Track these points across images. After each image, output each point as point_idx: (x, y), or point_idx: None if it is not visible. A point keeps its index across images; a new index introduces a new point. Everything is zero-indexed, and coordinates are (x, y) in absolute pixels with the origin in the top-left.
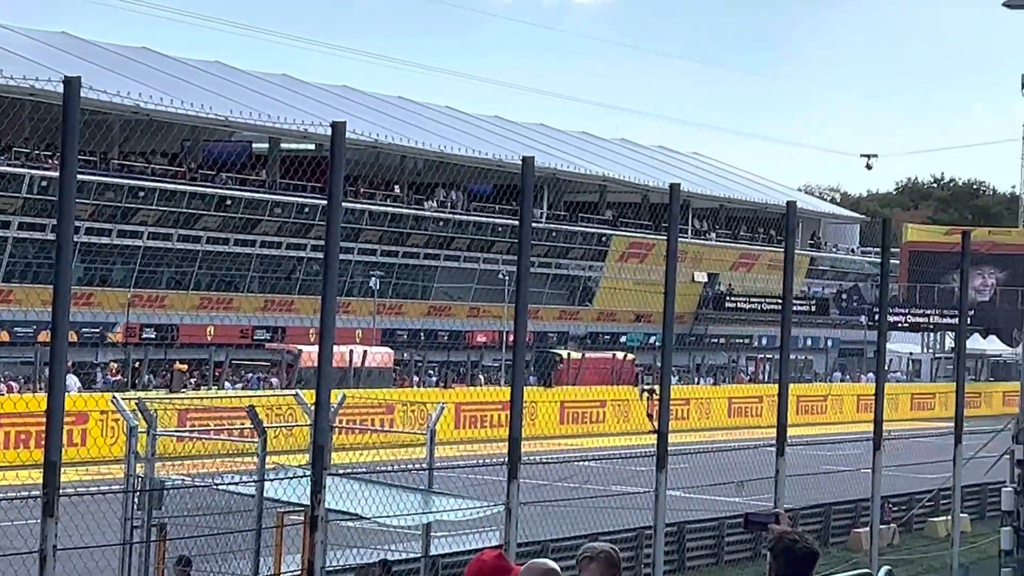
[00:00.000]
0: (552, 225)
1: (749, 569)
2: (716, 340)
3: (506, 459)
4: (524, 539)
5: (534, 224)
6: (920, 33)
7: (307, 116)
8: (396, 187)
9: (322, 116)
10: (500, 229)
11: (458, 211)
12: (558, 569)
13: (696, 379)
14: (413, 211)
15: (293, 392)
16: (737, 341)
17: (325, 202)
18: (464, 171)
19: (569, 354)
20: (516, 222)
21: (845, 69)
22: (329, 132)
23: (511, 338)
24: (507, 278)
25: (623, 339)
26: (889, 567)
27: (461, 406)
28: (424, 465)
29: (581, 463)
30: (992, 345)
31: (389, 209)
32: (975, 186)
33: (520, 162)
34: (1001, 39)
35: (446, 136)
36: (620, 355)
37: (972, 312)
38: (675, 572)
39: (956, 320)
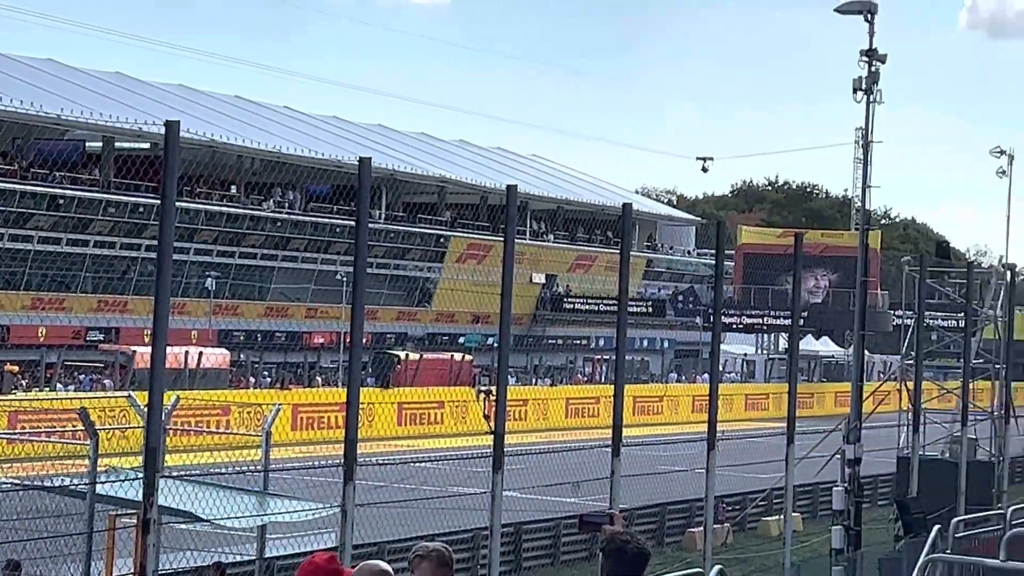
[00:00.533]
0: (390, 226)
1: (585, 569)
2: (554, 341)
3: (342, 461)
4: (361, 541)
5: (372, 225)
6: (755, 37)
7: (142, 115)
8: (233, 187)
9: (157, 115)
10: (338, 230)
11: (295, 211)
12: (390, 570)
13: (534, 380)
14: (250, 211)
15: (126, 394)
16: (575, 342)
17: (159, 202)
18: (302, 171)
19: (407, 355)
20: (353, 222)
21: (682, 72)
22: (164, 131)
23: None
24: (345, 279)
25: (461, 340)
26: (721, 566)
27: (298, 407)
28: (259, 467)
29: (418, 464)
30: (825, 346)
31: (226, 209)
32: (808, 189)
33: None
34: (834, 44)
35: (284, 136)
36: (458, 356)
37: (805, 314)
38: (511, 573)
39: (789, 321)
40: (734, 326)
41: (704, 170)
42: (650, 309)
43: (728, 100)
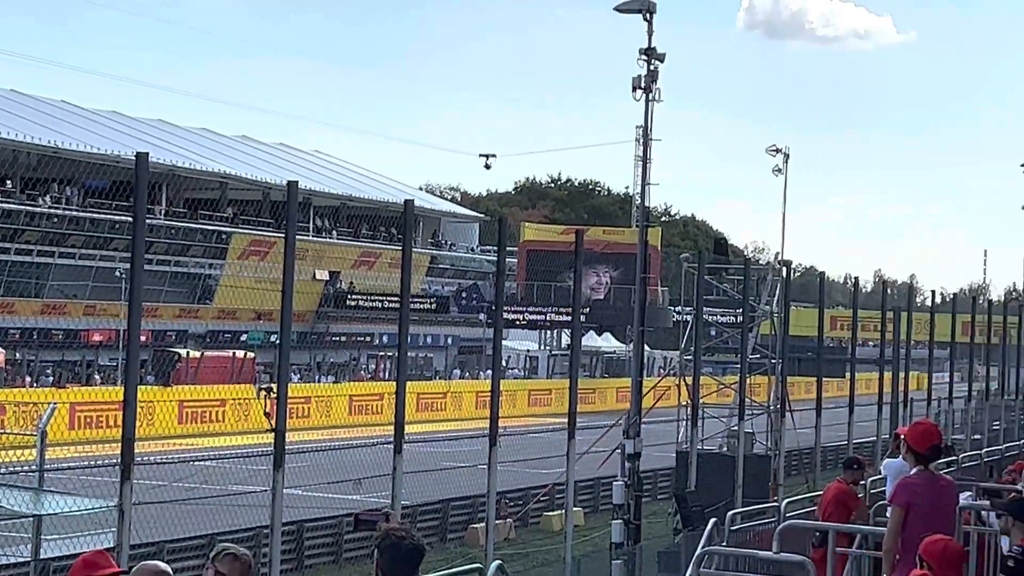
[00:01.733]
0: (170, 222)
1: (368, 566)
2: (338, 338)
3: (119, 459)
4: (140, 540)
5: (151, 221)
6: (539, 35)
7: None
8: (8, 182)
9: None
10: (117, 226)
11: (73, 207)
12: (169, 570)
13: (318, 377)
14: (26, 207)
15: None
16: (359, 339)
17: None
18: (80, 167)
19: (188, 353)
20: (131, 219)
21: (465, 70)
22: None
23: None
24: (124, 275)
25: (244, 337)
26: (500, 562)
27: (76, 406)
28: (34, 467)
29: (199, 463)
30: (607, 342)
31: (0, 205)
32: (591, 186)
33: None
34: (615, 42)
35: (61, 131)
36: (240, 353)
37: (587, 310)
38: (293, 571)
39: (571, 318)
40: (517, 322)
41: (487, 167)
42: (434, 306)
43: (511, 97)
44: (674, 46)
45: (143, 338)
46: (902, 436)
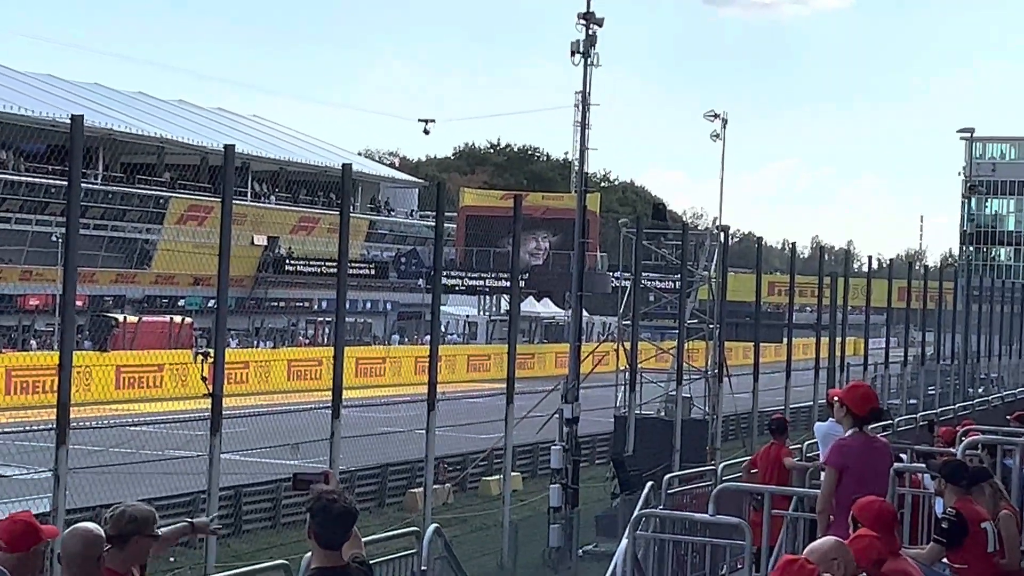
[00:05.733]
0: (106, 187)
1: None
2: (276, 304)
3: (55, 425)
4: (76, 505)
5: (89, 185)
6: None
7: None
8: None
9: None
10: (53, 190)
11: (8, 171)
12: (102, 533)
13: (256, 342)
14: None
15: None
16: (297, 304)
17: None
18: (15, 130)
19: (126, 318)
20: (67, 183)
21: (404, 35)
22: None
23: None
24: (60, 240)
25: (182, 302)
26: (437, 525)
27: (12, 371)
28: None
29: (136, 428)
30: (546, 308)
31: None
32: (530, 152)
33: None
34: (552, 7)
35: None
36: (178, 319)
37: (526, 275)
38: (232, 535)
39: (510, 283)
40: (456, 288)
41: (426, 132)
42: (373, 271)
43: (450, 61)
44: (612, 10)
45: (80, 303)
46: (836, 398)
